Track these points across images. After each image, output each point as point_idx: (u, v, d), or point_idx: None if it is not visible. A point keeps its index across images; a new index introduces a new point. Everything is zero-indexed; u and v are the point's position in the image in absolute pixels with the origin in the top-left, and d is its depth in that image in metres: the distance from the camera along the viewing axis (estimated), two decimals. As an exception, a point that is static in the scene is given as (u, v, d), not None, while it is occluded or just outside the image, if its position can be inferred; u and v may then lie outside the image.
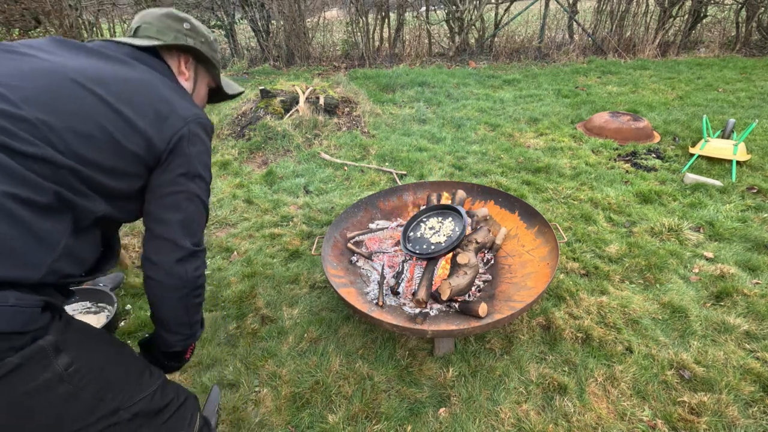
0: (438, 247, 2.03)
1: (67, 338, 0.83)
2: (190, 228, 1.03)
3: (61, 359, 0.80)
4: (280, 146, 3.99)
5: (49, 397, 0.79)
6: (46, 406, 0.79)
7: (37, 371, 0.76)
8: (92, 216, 0.92)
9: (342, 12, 8.11)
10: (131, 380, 0.98)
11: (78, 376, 0.83)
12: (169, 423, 1.06)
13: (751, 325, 1.97)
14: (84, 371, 0.85)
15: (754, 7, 6.79)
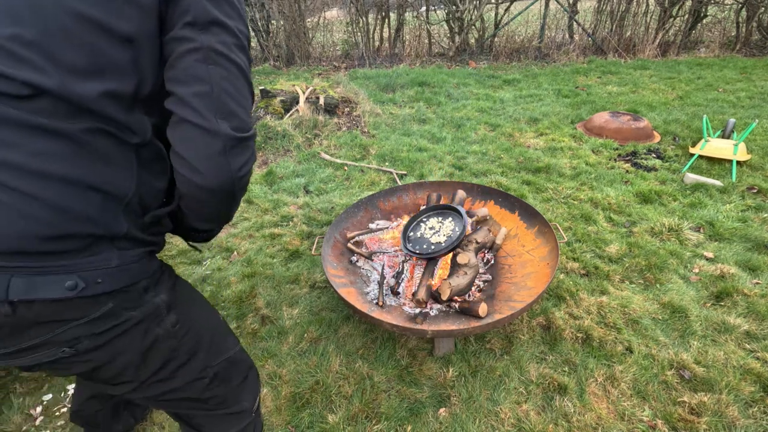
0: (438, 247, 2.03)
1: (176, 297, 0.89)
2: (221, 104, 0.72)
3: (170, 317, 0.87)
4: (280, 146, 3.99)
5: (158, 348, 0.86)
6: (155, 356, 0.87)
7: (153, 326, 0.84)
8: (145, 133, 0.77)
9: (342, 12, 8.11)
10: (218, 341, 1.02)
11: (181, 333, 0.90)
12: (242, 386, 1.09)
13: (752, 325, 1.97)
14: (185, 329, 0.91)
15: (755, 7, 6.79)
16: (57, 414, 1.72)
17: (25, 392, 1.81)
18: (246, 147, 0.77)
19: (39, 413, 1.72)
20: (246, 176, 0.79)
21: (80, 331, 0.73)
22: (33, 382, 1.86)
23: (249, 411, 1.12)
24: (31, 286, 0.66)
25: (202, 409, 1.04)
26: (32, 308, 0.68)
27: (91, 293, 0.71)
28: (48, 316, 0.70)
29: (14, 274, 0.65)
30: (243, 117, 0.76)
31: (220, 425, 1.08)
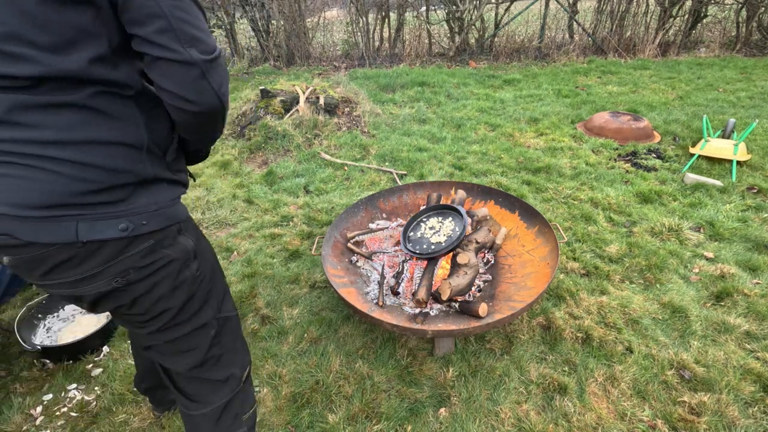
0: (438, 247, 2.03)
1: (199, 247, 1.05)
2: (183, 33, 0.76)
3: (194, 264, 1.02)
4: (280, 146, 3.99)
5: (183, 289, 1.01)
6: (179, 295, 1.01)
7: (183, 268, 0.99)
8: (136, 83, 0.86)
9: (342, 12, 8.11)
10: (224, 299, 1.15)
11: (199, 279, 1.04)
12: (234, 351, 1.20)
13: (752, 325, 1.97)
14: (203, 277, 1.06)
15: (755, 7, 6.78)
16: (57, 414, 1.72)
17: (25, 392, 1.82)
18: (218, 65, 0.82)
19: (39, 413, 1.72)
20: (227, 92, 0.87)
21: (129, 263, 0.90)
22: (33, 382, 1.86)
23: (238, 379, 1.20)
24: (93, 229, 0.84)
25: (198, 371, 1.13)
26: (95, 245, 0.85)
27: (138, 233, 0.88)
28: (107, 251, 0.87)
29: (79, 220, 0.82)
30: (206, 39, 0.80)
31: (211, 392, 1.17)
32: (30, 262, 0.85)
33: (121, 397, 1.76)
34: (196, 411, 1.17)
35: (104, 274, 0.89)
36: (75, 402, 1.76)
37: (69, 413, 1.72)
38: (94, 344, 1.99)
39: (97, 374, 1.89)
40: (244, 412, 1.25)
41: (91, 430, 1.66)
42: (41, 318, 2.09)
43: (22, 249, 0.83)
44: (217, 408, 1.17)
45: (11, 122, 0.76)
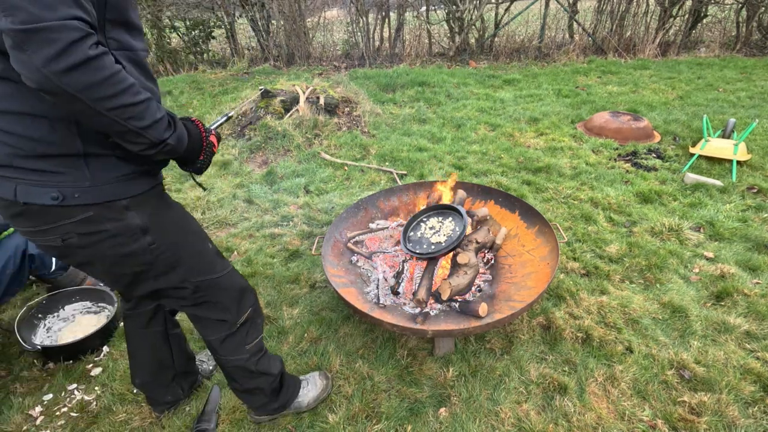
0: (438, 246, 2.03)
1: (156, 222, 1.11)
2: (3, 2, 0.72)
3: (145, 238, 1.10)
4: (280, 146, 3.99)
5: (136, 258, 1.11)
6: (133, 263, 1.12)
7: (129, 241, 1.07)
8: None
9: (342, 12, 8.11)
10: (199, 263, 1.25)
11: (158, 251, 1.13)
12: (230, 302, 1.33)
13: (752, 325, 1.97)
14: (162, 249, 1.14)
15: (755, 7, 6.78)
16: (57, 414, 1.72)
17: (25, 392, 1.82)
18: (45, 40, 0.73)
19: (39, 413, 1.72)
20: (68, 72, 0.76)
21: (69, 228, 1.00)
22: (33, 382, 1.86)
23: (232, 323, 1.36)
24: (29, 193, 0.94)
25: (196, 307, 1.31)
26: (36, 207, 0.96)
27: (71, 203, 0.96)
28: (48, 214, 0.97)
29: (17, 183, 0.94)
30: (30, 9, 0.73)
31: (209, 328, 1.36)
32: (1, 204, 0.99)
33: (122, 396, 1.76)
34: (206, 336, 1.39)
35: (50, 232, 1.00)
36: (75, 402, 1.76)
37: (69, 413, 1.72)
38: (94, 344, 1.99)
39: (97, 374, 1.89)
40: (248, 342, 1.41)
41: (91, 429, 1.66)
42: (41, 318, 2.09)
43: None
44: (219, 338, 1.37)
45: None
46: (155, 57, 6.83)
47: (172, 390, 1.66)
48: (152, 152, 0.97)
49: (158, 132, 0.95)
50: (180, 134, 1.04)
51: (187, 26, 7.14)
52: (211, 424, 1.63)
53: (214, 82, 6.07)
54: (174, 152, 1.03)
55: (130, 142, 0.93)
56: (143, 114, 0.90)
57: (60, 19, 0.74)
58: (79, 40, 0.76)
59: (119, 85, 0.84)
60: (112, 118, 0.85)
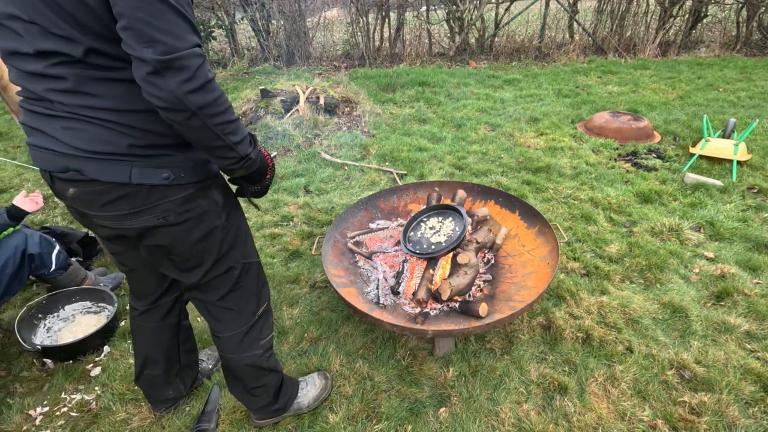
0: (438, 246, 2.03)
1: (228, 200, 1.23)
2: (141, 33, 0.81)
3: (224, 213, 1.21)
4: (280, 146, 3.98)
5: (215, 235, 1.20)
6: (212, 240, 1.20)
7: (214, 217, 1.18)
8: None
9: (342, 12, 8.10)
10: (248, 246, 1.33)
11: (227, 227, 1.23)
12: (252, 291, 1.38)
13: (752, 325, 1.97)
14: (231, 226, 1.24)
15: (755, 7, 6.78)
16: (57, 414, 1.72)
17: (25, 392, 1.82)
18: (180, 67, 0.84)
19: (39, 413, 1.72)
20: (194, 93, 0.87)
21: (170, 206, 1.09)
22: (33, 382, 1.86)
23: (252, 313, 1.40)
24: (143, 174, 1.03)
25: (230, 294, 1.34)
26: (144, 188, 1.04)
27: (178, 182, 1.07)
28: (154, 193, 1.06)
29: (133, 165, 1.02)
30: (167, 41, 0.83)
31: (231, 320, 1.38)
32: (91, 194, 1.05)
33: (122, 396, 1.76)
34: (221, 334, 1.40)
35: (150, 211, 1.08)
36: (75, 402, 1.76)
37: (69, 413, 1.72)
38: (94, 344, 1.99)
39: (97, 374, 1.89)
40: (262, 338, 1.45)
41: (91, 429, 1.66)
42: (41, 318, 2.09)
43: (87, 184, 1.03)
44: (239, 333, 1.39)
45: (80, 91, 0.94)
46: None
47: (174, 385, 1.66)
48: (236, 166, 1.06)
49: (245, 147, 1.05)
50: (259, 151, 1.14)
51: (187, 26, 7.13)
52: (211, 424, 1.63)
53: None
54: (252, 167, 1.12)
55: (221, 157, 1.03)
56: (237, 130, 1.00)
57: (189, 47, 0.85)
58: (202, 64, 0.88)
59: (225, 104, 0.95)
60: (217, 132, 0.95)
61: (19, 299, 2.29)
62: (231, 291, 1.33)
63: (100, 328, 1.98)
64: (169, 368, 1.61)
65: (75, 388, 1.83)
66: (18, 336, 1.88)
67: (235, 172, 1.11)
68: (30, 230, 2.04)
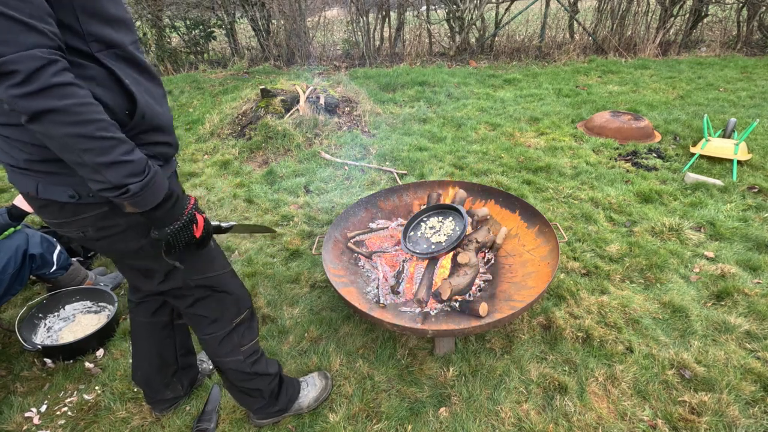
0: (438, 246, 2.03)
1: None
2: None
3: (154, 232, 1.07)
4: (280, 146, 3.99)
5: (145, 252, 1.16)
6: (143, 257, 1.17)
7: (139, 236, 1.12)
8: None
9: (342, 11, 8.10)
10: (204, 262, 1.27)
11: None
12: (223, 302, 1.35)
13: (752, 325, 1.97)
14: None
15: (756, 7, 6.77)
16: (57, 414, 1.72)
17: (26, 392, 1.82)
18: (7, 72, 0.76)
19: (39, 412, 1.73)
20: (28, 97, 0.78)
21: (86, 223, 1.06)
22: (33, 382, 1.87)
23: (228, 320, 1.38)
24: (47, 190, 1.00)
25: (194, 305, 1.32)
26: (56, 203, 1.02)
27: (87, 201, 1.02)
28: (67, 209, 1.03)
29: (39, 181, 0.99)
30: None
31: (206, 326, 1.37)
32: (28, 200, 1.06)
33: (122, 395, 1.76)
34: (199, 335, 1.40)
35: (71, 225, 1.07)
36: (75, 401, 1.76)
37: (69, 413, 1.72)
38: (95, 344, 1.99)
39: (97, 374, 1.89)
40: (243, 344, 1.43)
41: (91, 429, 1.66)
42: (42, 317, 2.09)
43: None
44: (216, 337, 1.38)
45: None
46: (155, 57, 6.83)
47: (172, 386, 1.66)
48: (109, 195, 0.92)
49: (118, 174, 0.89)
50: (152, 186, 0.95)
51: (187, 26, 7.14)
52: (211, 423, 1.63)
53: (215, 81, 6.07)
54: (140, 203, 0.95)
55: (88, 178, 0.90)
56: (103, 149, 0.86)
57: (17, 51, 0.76)
58: (43, 67, 0.78)
59: (83, 114, 0.83)
60: (68, 145, 0.84)
61: (20, 299, 2.29)
62: (198, 301, 1.31)
63: (100, 328, 1.98)
64: (164, 367, 1.61)
65: (75, 387, 1.83)
66: (18, 335, 1.88)
67: (116, 200, 0.94)
68: (31, 230, 2.04)
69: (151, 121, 1.03)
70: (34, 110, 0.79)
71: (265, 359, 1.52)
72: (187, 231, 1.08)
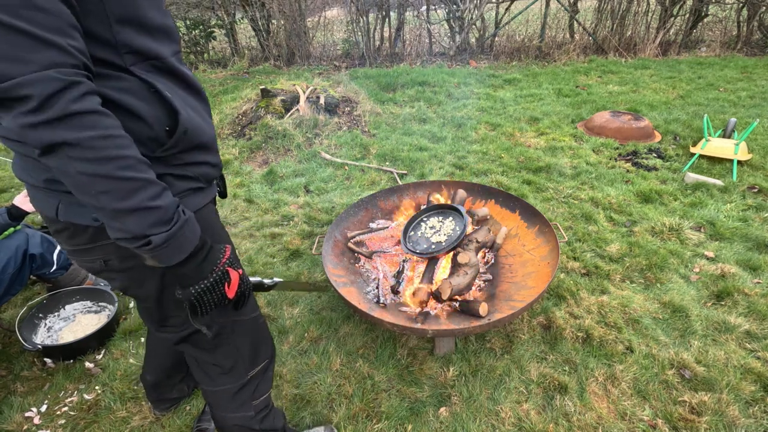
0: (438, 246, 2.03)
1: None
2: None
3: None
4: (280, 146, 3.99)
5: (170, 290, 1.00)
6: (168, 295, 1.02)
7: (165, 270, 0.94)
8: None
9: (342, 11, 8.10)
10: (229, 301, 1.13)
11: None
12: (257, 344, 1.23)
13: (752, 325, 1.97)
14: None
15: (756, 7, 6.77)
16: (57, 413, 1.72)
17: (26, 392, 1.82)
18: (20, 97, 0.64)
19: (39, 412, 1.73)
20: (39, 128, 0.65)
21: (110, 250, 0.91)
22: (33, 382, 1.87)
23: (242, 373, 1.21)
24: (69, 211, 0.87)
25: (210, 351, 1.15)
26: (78, 226, 0.89)
27: None
28: (89, 233, 0.89)
29: (60, 200, 0.87)
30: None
31: (218, 376, 1.20)
32: (44, 219, 0.94)
33: (122, 395, 1.76)
34: (207, 387, 1.23)
35: (91, 252, 0.93)
36: (75, 401, 1.76)
37: (69, 412, 1.72)
38: (95, 343, 1.99)
39: (98, 373, 1.89)
40: (256, 398, 1.27)
41: (91, 429, 1.66)
42: (42, 317, 2.09)
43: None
44: (227, 390, 1.21)
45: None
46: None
47: (178, 388, 1.67)
48: (129, 245, 0.78)
49: (140, 222, 0.75)
50: (179, 237, 0.81)
51: (187, 26, 7.14)
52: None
53: (215, 81, 6.07)
54: (162, 258, 0.80)
55: (106, 224, 0.77)
56: (128, 194, 0.73)
57: (32, 71, 0.64)
58: (61, 91, 0.65)
59: (103, 150, 0.69)
60: (82, 184, 0.71)
61: (20, 299, 2.29)
62: (216, 348, 1.14)
63: (100, 328, 1.98)
64: (175, 374, 1.61)
65: (75, 387, 1.83)
66: (18, 335, 1.88)
67: (138, 252, 0.80)
68: (31, 230, 2.04)
69: (194, 137, 0.90)
70: (46, 143, 0.66)
71: (273, 413, 1.38)
72: (217, 291, 0.91)
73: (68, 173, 0.70)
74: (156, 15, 0.82)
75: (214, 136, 0.99)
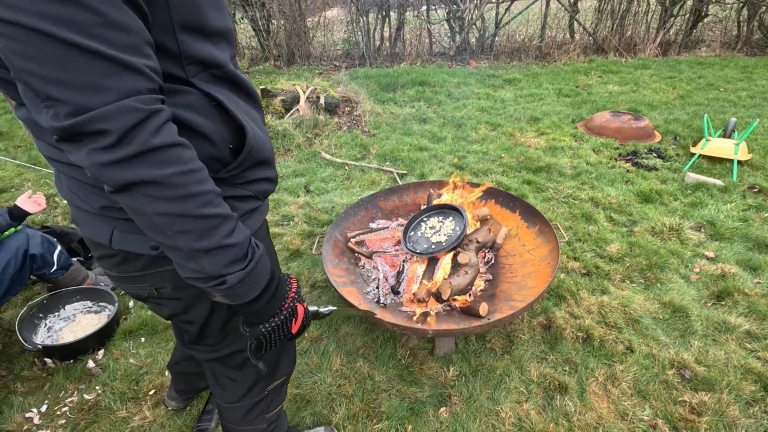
0: (439, 246, 2.03)
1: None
2: (35, 90, 0.55)
3: None
4: (280, 145, 3.99)
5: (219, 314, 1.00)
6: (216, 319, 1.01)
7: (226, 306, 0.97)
8: None
9: (343, 11, 8.10)
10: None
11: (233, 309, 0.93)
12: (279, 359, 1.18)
13: (752, 325, 1.97)
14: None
15: (756, 7, 6.77)
16: (57, 413, 1.72)
17: (26, 391, 1.82)
18: (94, 131, 0.56)
19: (39, 412, 1.73)
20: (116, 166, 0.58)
21: (165, 277, 0.87)
22: (34, 382, 1.87)
23: (261, 388, 1.18)
24: (125, 239, 0.82)
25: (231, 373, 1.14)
26: (130, 254, 0.84)
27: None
28: (140, 262, 0.86)
29: (115, 226, 0.82)
30: (69, 99, 0.55)
31: (237, 389, 1.17)
32: (90, 244, 0.91)
33: (122, 395, 1.76)
34: (222, 402, 1.21)
35: (141, 280, 0.88)
36: (75, 401, 1.76)
37: (69, 412, 1.72)
38: (95, 344, 1.99)
39: (98, 373, 1.89)
40: (270, 410, 1.26)
41: (91, 428, 1.66)
42: (42, 317, 2.09)
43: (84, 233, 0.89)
44: (243, 406, 1.19)
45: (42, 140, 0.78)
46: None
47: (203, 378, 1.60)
48: (202, 285, 0.72)
49: (217, 262, 0.69)
50: (254, 274, 0.75)
51: (187, 26, 7.13)
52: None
53: (215, 81, 6.06)
54: (235, 296, 0.75)
55: (176, 263, 0.71)
56: (208, 233, 0.67)
57: (110, 102, 0.56)
58: (140, 124, 0.58)
59: (183, 187, 0.63)
60: (159, 225, 0.65)
61: (20, 299, 2.29)
62: (242, 367, 1.12)
63: (100, 328, 1.98)
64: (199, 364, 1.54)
65: (75, 387, 1.83)
66: (19, 335, 1.88)
67: (211, 294, 0.76)
68: (31, 230, 2.04)
69: (258, 154, 0.83)
70: (123, 182, 0.60)
71: (281, 420, 1.36)
72: (285, 328, 0.85)
73: (144, 212, 0.63)
74: (216, 16, 0.73)
75: (272, 148, 0.91)
